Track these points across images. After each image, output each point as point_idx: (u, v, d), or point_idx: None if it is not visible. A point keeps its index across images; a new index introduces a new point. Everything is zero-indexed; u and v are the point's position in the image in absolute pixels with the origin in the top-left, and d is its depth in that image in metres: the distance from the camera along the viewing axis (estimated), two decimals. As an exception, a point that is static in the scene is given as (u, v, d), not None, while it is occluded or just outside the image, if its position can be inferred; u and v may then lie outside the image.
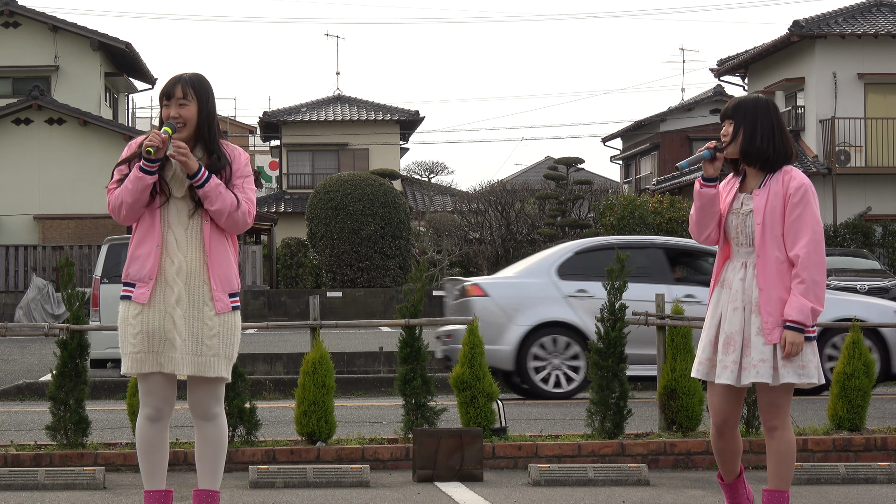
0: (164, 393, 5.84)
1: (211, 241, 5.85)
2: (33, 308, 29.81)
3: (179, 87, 5.87)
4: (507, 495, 7.76)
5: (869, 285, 28.14)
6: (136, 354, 5.80)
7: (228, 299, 5.85)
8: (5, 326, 9.25)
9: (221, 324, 5.82)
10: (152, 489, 5.88)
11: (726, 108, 6.06)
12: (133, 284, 5.87)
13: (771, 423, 5.91)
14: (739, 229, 5.99)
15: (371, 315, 30.23)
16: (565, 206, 37.35)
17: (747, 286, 5.95)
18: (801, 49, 36.24)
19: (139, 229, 5.91)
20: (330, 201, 32.91)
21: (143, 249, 5.88)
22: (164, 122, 5.85)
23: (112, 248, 17.31)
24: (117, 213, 5.87)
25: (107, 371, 17.67)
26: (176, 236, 5.86)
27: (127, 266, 5.92)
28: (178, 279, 5.81)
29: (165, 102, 5.89)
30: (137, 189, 5.77)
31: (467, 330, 9.02)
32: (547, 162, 59.48)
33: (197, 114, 5.87)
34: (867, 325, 10.64)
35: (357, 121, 48.25)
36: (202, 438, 5.90)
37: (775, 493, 5.95)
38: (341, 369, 16.44)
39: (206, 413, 5.88)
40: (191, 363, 5.77)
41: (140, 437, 5.87)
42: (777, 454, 5.92)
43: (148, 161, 5.76)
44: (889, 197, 35.22)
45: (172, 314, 5.78)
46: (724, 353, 5.95)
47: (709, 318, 6.08)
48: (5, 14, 39.15)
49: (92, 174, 34.36)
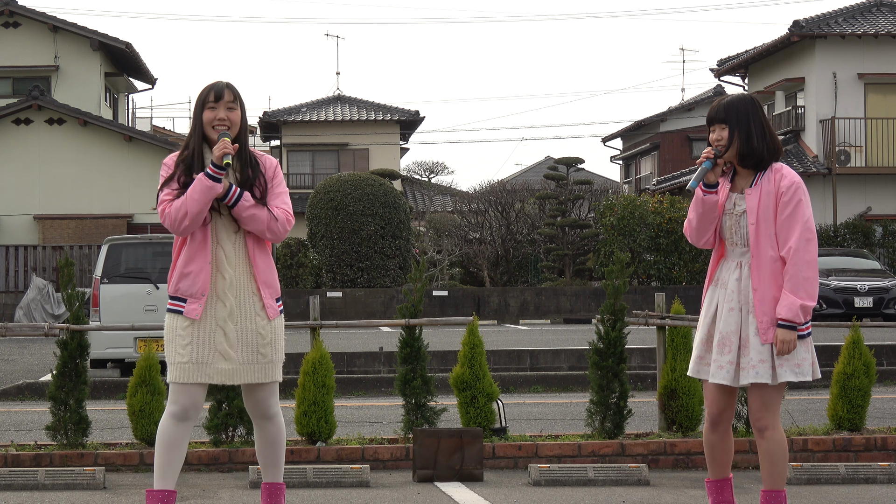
0: (195, 397, 5.99)
1: (255, 252, 6.01)
2: (33, 308, 29.81)
3: (228, 91, 5.99)
4: (507, 495, 7.76)
5: (869, 285, 28.13)
6: (184, 365, 5.94)
7: (276, 304, 6.05)
8: (5, 326, 9.25)
9: (272, 330, 6.02)
10: (159, 488, 5.95)
11: (716, 111, 6.02)
12: (184, 300, 5.95)
13: (762, 423, 5.94)
14: (734, 230, 6.00)
15: (371, 315, 30.22)
16: (565, 206, 37.34)
17: (743, 286, 5.96)
18: (801, 49, 36.24)
19: (189, 246, 5.97)
20: (330, 201, 32.89)
21: (194, 266, 5.96)
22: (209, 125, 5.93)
23: (112, 248, 17.29)
24: (178, 225, 5.87)
25: (107, 371, 17.66)
26: (225, 252, 5.98)
27: (176, 281, 5.99)
28: (228, 293, 5.96)
29: (212, 105, 5.95)
30: (206, 199, 5.84)
31: (467, 330, 9.02)
32: (547, 162, 59.52)
33: (240, 120, 6.00)
34: (867, 325, 10.60)
35: (357, 121, 48.23)
36: (263, 436, 6.17)
37: (773, 493, 5.98)
38: (341, 369, 16.44)
39: (266, 413, 6.13)
40: (248, 372, 5.99)
41: (162, 433, 5.97)
42: (770, 454, 5.95)
43: (217, 168, 5.83)
44: (889, 197, 35.22)
45: (224, 328, 5.94)
46: (720, 352, 5.97)
47: (703, 316, 6.11)
48: (5, 14, 39.15)
49: (92, 174, 34.36)
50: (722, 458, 6.14)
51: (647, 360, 16.94)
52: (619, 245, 32.01)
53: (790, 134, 36.83)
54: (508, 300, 31.66)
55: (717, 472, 6.18)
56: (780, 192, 5.89)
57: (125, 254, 17.32)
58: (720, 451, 6.14)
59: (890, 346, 17.17)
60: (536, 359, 17.60)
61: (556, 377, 15.94)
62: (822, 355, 16.86)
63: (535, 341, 21.91)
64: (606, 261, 31.88)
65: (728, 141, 5.95)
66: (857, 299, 27.86)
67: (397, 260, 33.01)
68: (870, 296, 27.95)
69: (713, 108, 6.05)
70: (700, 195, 5.98)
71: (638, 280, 32.89)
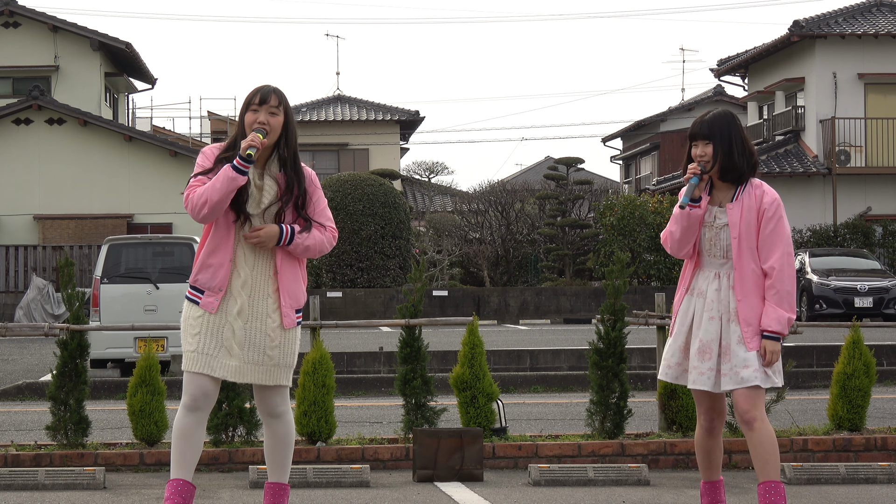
0: (207, 389, 6.02)
1: (282, 260, 6.03)
2: (33, 308, 29.81)
3: (274, 96, 6.01)
4: (507, 495, 7.76)
5: (869, 285, 28.13)
6: (191, 353, 5.99)
7: (295, 315, 6.07)
8: (5, 326, 9.25)
9: (283, 336, 6.04)
10: (177, 478, 5.96)
11: (699, 127, 6.21)
12: (202, 291, 6.01)
13: (749, 416, 6.10)
14: (713, 242, 6.20)
15: (371, 315, 30.22)
16: (565, 206, 37.34)
17: (723, 296, 6.17)
18: (801, 49, 36.24)
19: (213, 238, 6.01)
20: (330, 201, 32.80)
21: (215, 259, 6.00)
22: (250, 128, 5.94)
23: (112, 248, 17.30)
24: (198, 211, 5.91)
25: (107, 371, 17.66)
26: (245, 251, 6.01)
27: (197, 271, 6.03)
28: (242, 292, 5.99)
29: (255, 107, 5.98)
30: (227, 189, 5.86)
31: (467, 330, 9.02)
32: (547, 162, 59.49)
33: (282, 126, 6.00)
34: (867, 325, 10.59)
35: (357, 121, 48.24)
36: (271, 435, 6.19)
37: (771, 483, 6.11)
38: (341, 369, 16.44)
39: (274, 411, 6.15)
40: (251, 371, 6.01)
41: (177, 425, 6.01)
42: (762, 445, 6.11)
43: (244, 161, 5.84)
44: (889, 197, 35.22)
45: (233, 324, 5.98)
46: (700, 360, 6.17)
47: (678, 324, 6.29)
48: (5, 14, 39.14)
49: (92, 174, 34.35)
50: (717, 459, 6.35)
51: (647, 360, 16.94)
52: (619, 245, 32.02)
53: (790, 134, 36.84)
54: (508, 300, 31.66)
55: (713, 473, 6.37)
56: (762, 208, 6.13)
57: (125, 254, 17.32)
58: (716, 449, 6.34)
59: (890, 346, 17.18)
60: (536, 359, 17.61)
61: (556, 377, 15.95)
62: (823, 355, 16.95)
63: (535, 341, 21.92)
64: (606, 261, 31.89)
65: (713, 157, 6.14)
66: (857, 299, 27.87)
67: (397, 260, 33.02)
68: (870, 296, 27.95)
69: (696, 124, 6.25)
70: (686, 210, 6.14)
71: (638, 280, 32.90)
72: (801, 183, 34.87)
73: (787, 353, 14.57)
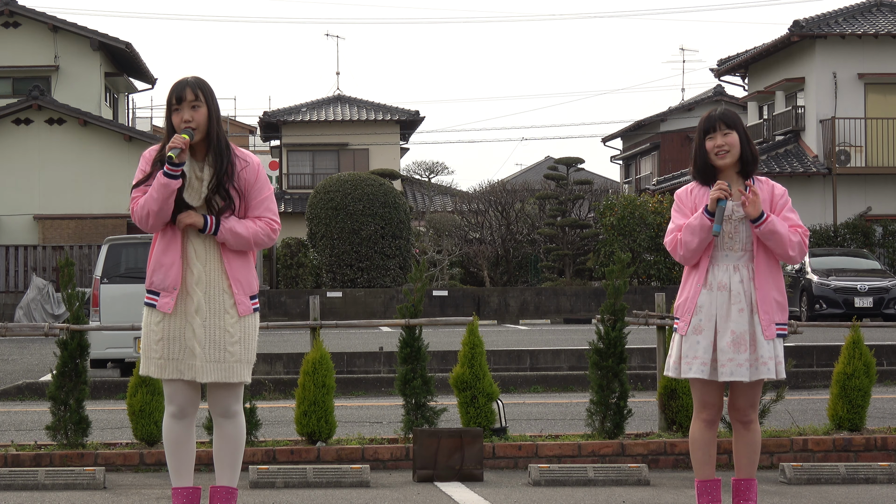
0: (187, 394, 6.00)
1: (228, 249, 5.96)
2: (33, 308, 29.81)
3: (190, 90, 5.90)
4: (507, 495, 7.76)
5: (869, 285, 28.13)
6: (157, 360, 5.95)
7: (249, 301, 6.01)
8: (5, 326, 9.25)
9: (242, 329, 5.98)
10: (180, 486, 5.95)
11: (721, 115, 6.25)
12: (157, 293, 5.97)
13: (749, 417, 6.30)
14: (732, 235, 6.26)
15: (371, 315, 30.22)
16: (565, 206, 37.33)
17: (746, 287, 6.22)
18: (801, 49, 36.23)
19: (162, 238, 5.99)
20: (330, 201, 32.88)
21: (167, 258, 5.96)
22: (178, 129, 5.86)
23: (112, 248, 17.29)
24: (145, 222, 5.91)
25: (107, 371, 17.65)
26: (195, 247, 5.96)
27: (151, 273, 6.00)
28: (196, 288, 5.93)
29: (176, 107, 5.89)
30: (163, 196, 5.83)
31: (467, 330, 9.01)
32: (547, 162, 59.47)
33: (207, 117, 5.90)
34: (867, 325, 10.59)
35: (357, 121, 48.21)
36: (221, 436, 6.08)
37: (749, 481, 6.34)
38: (341, 369, 16.43)
39: (226, 411, 6.05)
40: (213, 370, 5.94)
41: (167, 434, 6.00)
42: (752, 444, 6.33)
43: (171, 165, 5.79)
44: (889, 197, 35.21)
45: (192, 323, 5.92)
46: (736, 351, 6.19)
47: (704, 320, 6.24)
48: (5, 14, 39.13)
49: (92, 174, 34.35)
50: (714, 452, 6.40)
51: (647, 360, 16.94)
52: (619, 245, 32.01)
53: (790, 134, 36.83)
54: (508, 300, 31.65)
55: (711, 470, 6.39)
56: (775, 199, 6.26)
57: (125, 254, 17.31)
58: (713, 445, 6.37)
59: (890, 346, 17.17)
60: (536, 359, 17.60)
61: (556, 377, 15.94)
62: (823, 355, 16.95)
63: (535, 341, 21.91)
64: (606, 261, 31.89)
65: (739, 145, 6.22)
66: (857, 299, 27.86)
67: (397, 260, 33.01)
68: (870, 296, 27.94)
69: (712, 118, 6.27)
70: (706, 223, 6.15)
71: (638, 280, 32.89)
72: (801, 183, 34.86)
73: (788, 353, 14.55)
